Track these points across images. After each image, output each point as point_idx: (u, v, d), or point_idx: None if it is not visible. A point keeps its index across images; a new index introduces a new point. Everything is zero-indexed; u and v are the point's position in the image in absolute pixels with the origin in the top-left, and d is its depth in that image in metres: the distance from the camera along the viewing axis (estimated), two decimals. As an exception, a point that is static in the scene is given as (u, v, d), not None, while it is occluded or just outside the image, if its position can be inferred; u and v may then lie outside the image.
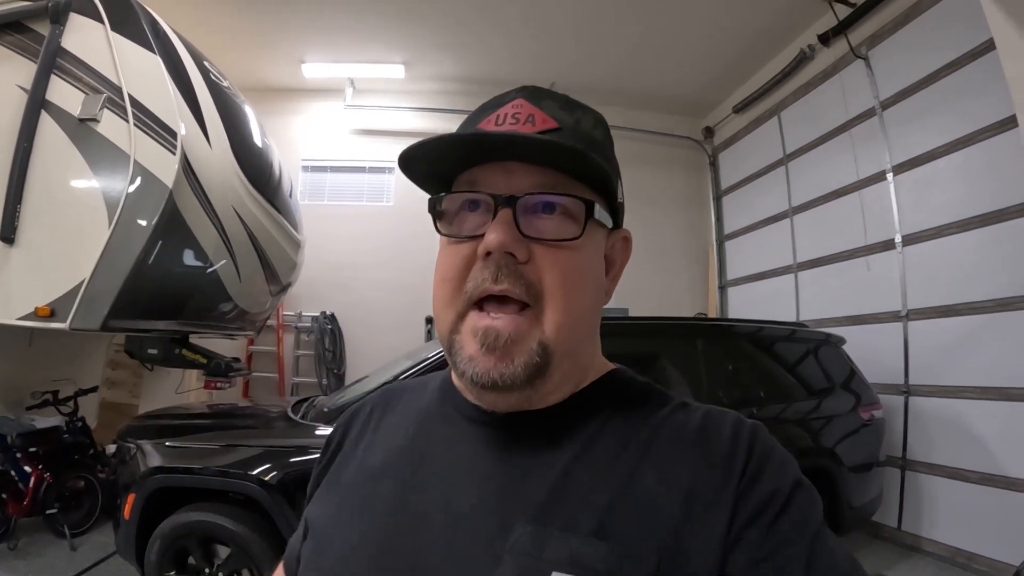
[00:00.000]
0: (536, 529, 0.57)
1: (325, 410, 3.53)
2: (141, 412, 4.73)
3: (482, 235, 0.60)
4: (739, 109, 6.53)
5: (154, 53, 3.35)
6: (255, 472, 2.98)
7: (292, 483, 2.99)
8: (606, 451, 0.62)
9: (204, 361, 3.97)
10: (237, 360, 4.26)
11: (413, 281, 6.52)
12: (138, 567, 3.03)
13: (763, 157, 6.32)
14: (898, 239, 4.64)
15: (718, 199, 7.26)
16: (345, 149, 6.81)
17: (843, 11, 4.80)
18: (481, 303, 0.61)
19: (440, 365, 3.43)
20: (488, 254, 0.59)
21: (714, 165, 7.32)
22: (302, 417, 3.54)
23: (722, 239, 7.19)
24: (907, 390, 4.51)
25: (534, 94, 0.67)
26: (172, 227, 3.28)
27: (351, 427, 0.79)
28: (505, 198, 0.60)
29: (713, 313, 7.09)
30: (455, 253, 0.63)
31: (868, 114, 4.86)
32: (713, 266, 7.20)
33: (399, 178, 6.82)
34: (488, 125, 0.64)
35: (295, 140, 6.69)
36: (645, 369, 3.83)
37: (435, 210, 0.66)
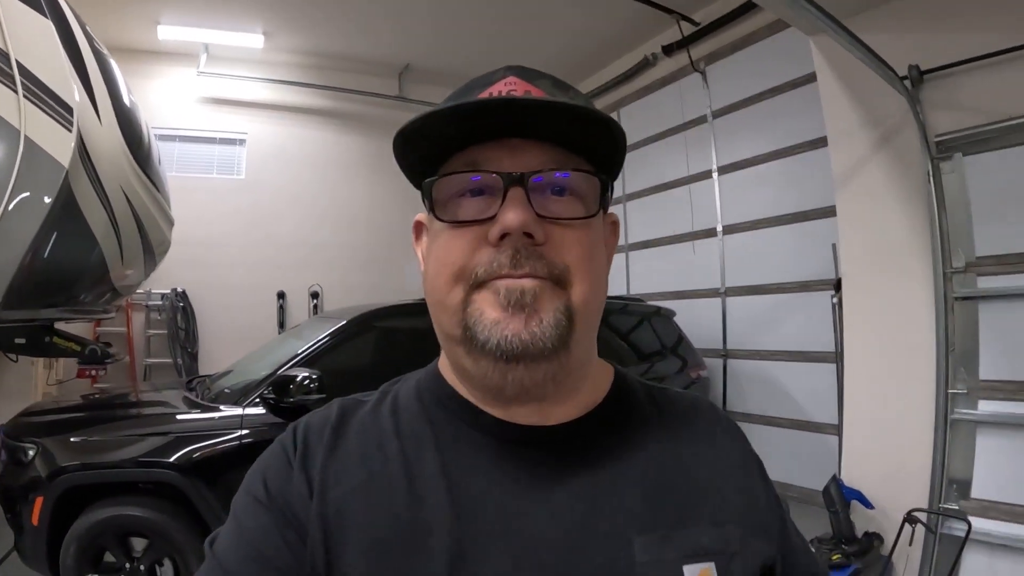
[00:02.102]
0: (652, 536, 0.57)
1: (227, 391, 3.51)
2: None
3: (488, 219, 0.55)
4: (582, 102, 7.10)
5: (45, 17, 2.97)
6: (173, 459, 2.96)
7: (210, 466, 3.02)
8: (668, 445, 0.64)
9: (78, 348, 3.66)
10: (109, 345, 3.98)
11: (266, 256, 6.35)
12: (51, 574, 2.86)
13: (601, 147, 6.97)
14: (719, 228, 5.53)
15: (556, 182, 7.85)
16: (195, 118, 6.34)
17: (688, 28, 5.51)
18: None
19: (330, 347, 3.55)
20: (502, 237, 0.54)
21: (555, 150, 7.87)
22: (200, 398, 3.50)
23: (559, 219, 7.81)
24: (725, 354, 5.46)
25: (525, 72, 0.61)
26: (66, 212, 2.96)
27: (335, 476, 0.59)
28: (516, 176, 0.54)
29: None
30: (456, 238, 0.56)
31: (700, 120, 5.67)
32: (551, 243, 7.82)
33: (251, 150, 6.51)
34: None
35: (144, 106, 6.03)
36: None
37: (430, 195, 0.58)
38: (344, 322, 3.71)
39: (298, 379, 3.15)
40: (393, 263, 6.96)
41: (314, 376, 3.18)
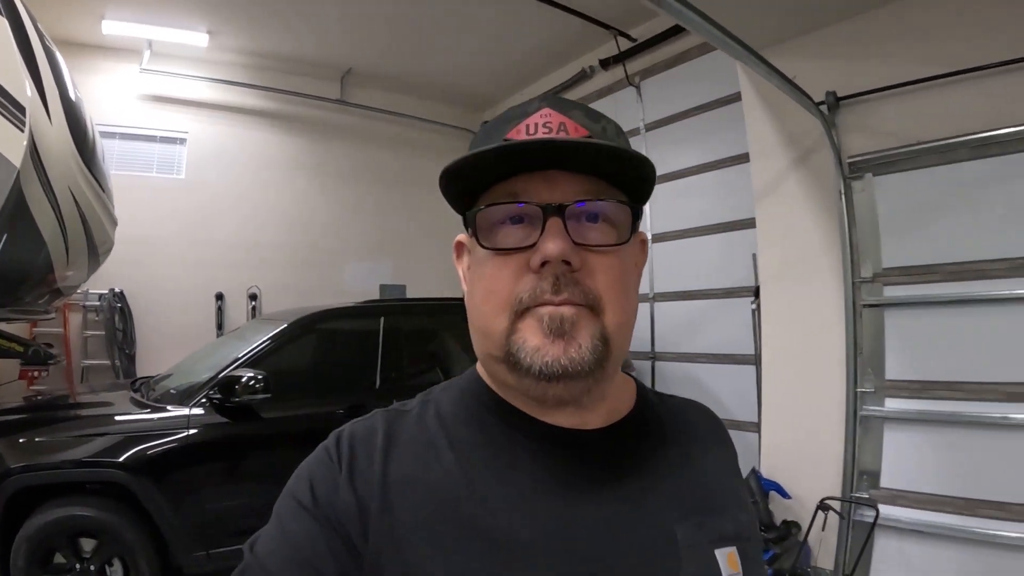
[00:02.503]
0: (689, 524, 0.64)
1: (172, 391, 3.51)
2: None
3: (529, 246, 0.59)
4: (519, 109, 7.25)
5: (1, 15, 2.87)
6: (122, 459, 2.98)
7: (158, 465, 3.06)
8: (684, 446, 0.72)
9: (21, 349, 3.54)
10: (51, 346, 3.84)
11: (204, 257, 6.22)
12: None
13: (537, 154, 7.15)
14: (649, 236, 5.77)
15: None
16: (137, 116, 6.10)
17: (624, 44, 5.74)
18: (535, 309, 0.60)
19: (273, 349, 3.61)
20: (543, 264, 0.58)
21: (489, 156, 8.00)
22: (146, 399, 3.51)
23: (493, 223, 7.94)
24: (654, 356, 5.70)
25: (559, 103, 0.64)
26: (17, 213, 2.86)
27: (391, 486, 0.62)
28: (555, 207, 0.59)
29: (485, 290, 7.85)
30: (501, 266, 0.61)
31: (634, 132, 5.88)
32: (484, 248, 7.94)
33: (191, 150, 6.33)
34: (518, 135, 0.62)
35: (85, 102, 5.77)
36: (428, 343, 4.43)
37: (474, 223, 0.63)
38: (286, 324, 3.77)
39: (243, 380, 3.21)
40: (331, 265, 6.93)
41: (259, 376, 3.24)
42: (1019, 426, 2.96)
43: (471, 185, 0.63)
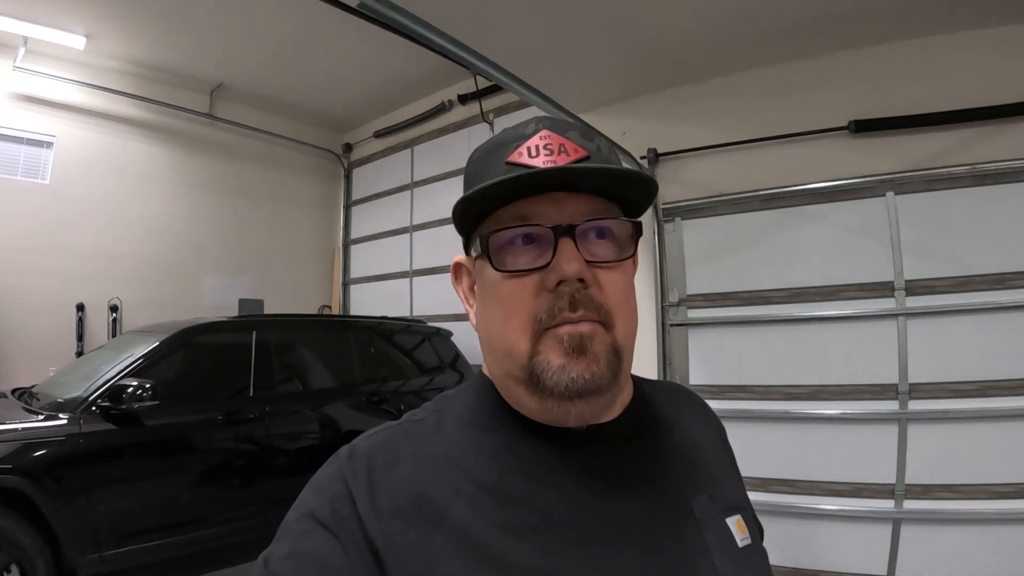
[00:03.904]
0: (702, 497, 0.68)
1: (60, 400, 3.54)
2: None
3: (542, 266, 0.60)
4: (380, 135, 7.49)
5: None
6: (19, 465, 3.03)
7: (53, 471, 3.14)
8: (680, 426, 0.76)
9: None
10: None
11: (66, 266, 5.84)
12: None
13: (394, 179, 7.38)
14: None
15: (348, 208, 8.09)
16: (5, 115, 5.61)
17: (482, 83, 6.16)
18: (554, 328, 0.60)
19: (154, 360, 3.75)
20: (558, 284, 0.59)
21: (348, 178, 8.15)
22: (33, 408, 3.54)
23: (348, 243, 8.04)
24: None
25: (555, 124, 0.65)
26: None
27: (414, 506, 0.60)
28: (564, 228, 0.60)
29: (337, 307, 7.94)
30: (518, 288, 0.62)
31: (486, 166, 6.36)
32: (338, 266, 8.03)
33: (58, 156, 5.92)
34: (520, 157, 0.63)
35: None
36: (290, 354, 4.65)
37: (486, 246, 0.63)
38: (165, 336, 3.92)
39: (130, 388, 3.38)
40: (191, 278, 6.74)
41: (147, 385, 3.41)
42: (798, 419, 3.67)
43: (479, 209, 0.65)
